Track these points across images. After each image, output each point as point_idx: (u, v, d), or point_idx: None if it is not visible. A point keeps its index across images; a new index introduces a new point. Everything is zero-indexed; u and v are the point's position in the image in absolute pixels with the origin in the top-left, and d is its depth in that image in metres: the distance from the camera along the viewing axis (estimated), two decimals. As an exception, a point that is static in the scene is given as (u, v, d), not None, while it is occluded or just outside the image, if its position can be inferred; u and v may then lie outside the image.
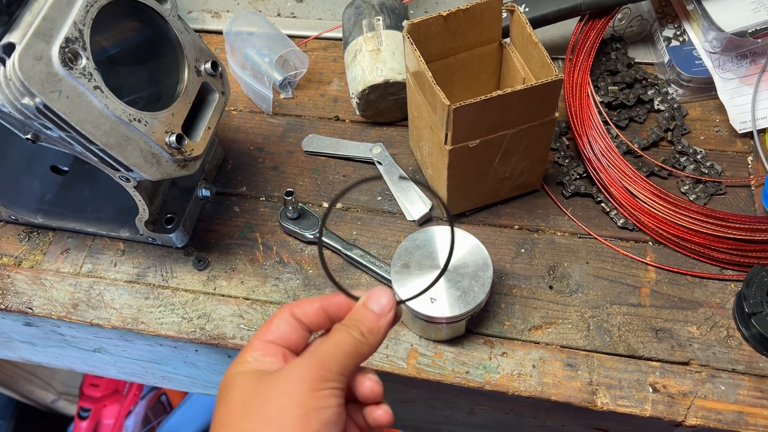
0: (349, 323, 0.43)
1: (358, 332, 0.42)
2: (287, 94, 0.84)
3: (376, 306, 0.43)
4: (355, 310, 0.44)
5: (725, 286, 0.65)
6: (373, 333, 0.43)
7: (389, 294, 0.44)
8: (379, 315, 0.43)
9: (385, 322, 0.43)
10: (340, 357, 0.41)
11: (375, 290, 0.44)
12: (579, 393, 0.61)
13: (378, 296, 0.44)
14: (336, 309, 0.45)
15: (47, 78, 0.50)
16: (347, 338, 0.42)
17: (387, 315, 0.43)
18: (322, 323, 0.45)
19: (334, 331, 0.43)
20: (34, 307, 0.70)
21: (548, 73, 0.60)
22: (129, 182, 0.62)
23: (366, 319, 0.43)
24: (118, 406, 1.55)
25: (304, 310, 0.45)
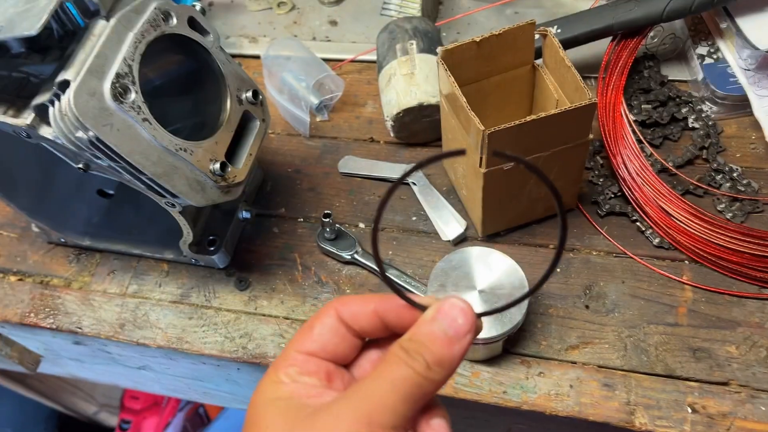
0: (410, 347, 0.32)
1: (423, 364, 0.31)
2: (323, 117, 0.86)
3: (449, 325, 0.32)
4: (419, 328, 0.33)
5: (764, 306, 0.65)
6: (443, 365, 0.32)
7: (466, 309, 0.33)
8: (452, 338, 0.32)
9: (459, 349, 0.32)
10: (395, 403, 0.31)
11: (447, 302, 0.33)
12: (617, 413, 0.61)
13: (451, 312, 0.32)
14: (395, 317, 0.35)
15: (99, 112, 0.52)
16: (406, 374, 0.31)
17: (463, 339, 0.32)
18: (376, 331, 0.35)
19: (391, 361, 0.32)
20: (84, 326, 0.73)
21: (582, 96, 0.60)
22: (174, 207, 0.65)
23: (434, 343, 0.32)
24: (157, 418, 1.59)
25: (353, 311, 0.35)
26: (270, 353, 0.68)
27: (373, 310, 0.35)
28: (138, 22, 0.56)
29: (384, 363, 0.33)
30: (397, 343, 0.33)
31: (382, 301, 0.35)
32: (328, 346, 0.35)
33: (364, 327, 0.35)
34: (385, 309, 0.35)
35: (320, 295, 0.72)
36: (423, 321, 0.33)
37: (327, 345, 0.35)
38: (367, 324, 0.35)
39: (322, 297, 0.71)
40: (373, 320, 0.35)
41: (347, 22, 0.96)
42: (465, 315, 0.33)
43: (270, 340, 0.69)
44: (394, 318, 0.35)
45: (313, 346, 0.35)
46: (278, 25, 0.98)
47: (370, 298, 0.35)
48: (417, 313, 0.34)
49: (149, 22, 0.57)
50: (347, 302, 0.35)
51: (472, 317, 0.33)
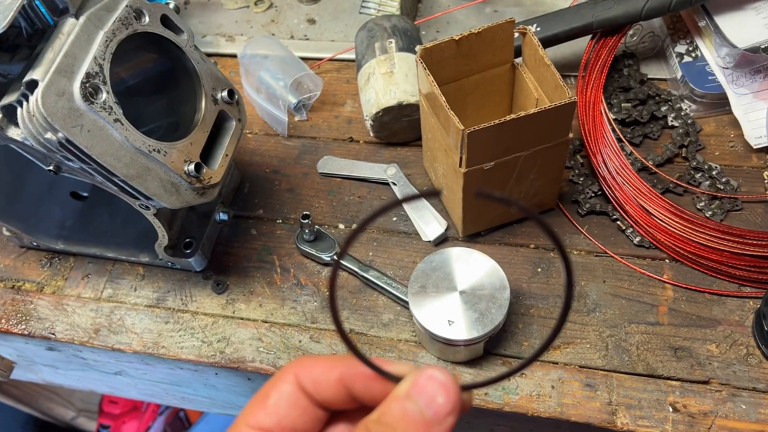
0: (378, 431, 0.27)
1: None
2: (302, 117, 0.85)
3: (426, 405, 0.26)
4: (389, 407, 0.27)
5: (744, 304, 0.65)
6: None
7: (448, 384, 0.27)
8: (429, 422, 0.26)
9: None
10: None
11: (423, 375, 0.27)
12: (599, 413, 0.61)
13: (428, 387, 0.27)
14: (363, 387, 0.29)
15: (69, 113, 0.51)
16: None
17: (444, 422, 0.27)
18: (343, 402, 0.30)
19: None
20: (57, 332, 0.71)
21: (561, 95, 0.60)
22: (149, 210, 0.63)
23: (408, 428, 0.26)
24: (137, 422, 1.56)
25: (315, 380, 0.30)
26: (248, 357, 0.67)
27: (338, 378, 0.29)
28: (109, 21, 0.55)
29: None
30: (362, 423, 0.28)
31: (347, 367, 0.29)
32: (285, 421, 0.29)
33: (328, 398, 0.30)
34: (352, 377, 0.29)
35: (299, 297, 0.71)
36: (395, 397, 0.27)
37: (284, 419, 0.29)
38: (332, 394, 0.30)
39: (301, 299, 0.70)
40: (338, 390, 0.29)
41: (325, 20, 0.95)
42: (446, 391, 0.27)
43: (248, 344, 0.68)
44: (362, 389, 0.29)
45: (267, 421, 0.29)
46: (255, 24, 0.96)
47: (335, 363, 0.30)
48: (389, 385, 0.29)
49: (120, 20, 0.55)
50: (308, 366, 0.30)
51: (455, 394, 0.27)
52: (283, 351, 0.67)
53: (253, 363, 0.67)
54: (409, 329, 0.67)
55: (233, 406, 0.87)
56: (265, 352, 0.67)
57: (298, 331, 0.68)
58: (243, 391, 0.79)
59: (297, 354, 0.67)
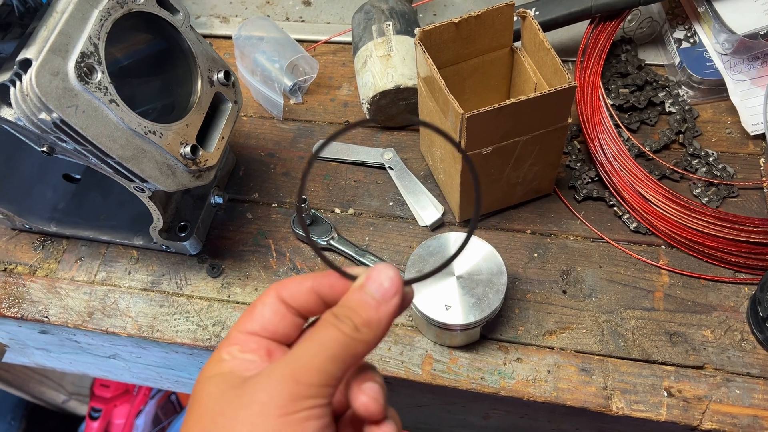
0: (340, 313, 0.34)
1: (351, 326, 0.33)
2: (297, 100, 0.84)
3: (376, 289, 0.34)
4: (349, 296, 0.34)
5: (739, 290, 0.65)
6: (371, 326, 0.33)
7: (393, 273, 0.34)
8: (379, 301, 0.33)
9: (387, 311, 0.34)
10: (322, 363, 0.32)
11: (375, 269, 0.34)
12: (594, 398, 0.61)
13: (378, 276, 0.34)
14: (329, 291, 0.36)
15: (63, 93, 0.50)
16: (334, 335, 0.33)
17: (390, 301, 0.34)
18: (314, 308, 0.36)
19: (320, 325, 0.34)
20: (50, 315, 0.71)
21: (561, 79, 0.60)
22: (144, 192, 0.63)
23: (362, 307, 0.33)
24: (128, 406, 1.56)
25: (292, 291, 0.36)
26: (244, 341, 0.67)
27: (310, 287, 0.36)
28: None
29: (313, 328, 0.34)
30: (328, 311, 0.35)
31: (317, 277, 0.36)
32: (269, 326, 0.36)
33: (303, 304, 0.36)
34: (320, 284, 0.36)
35: (295, 281, 0.70)
36: (352, 289, 0.35)
37: (267, 324, 0.36)
38: (305, 301, 0.36)
39: (297, 284, 0.70)
40: (310, 297, 0.36)
41: (321, 2, 0.94)
42: (391, 279, 0.34)
43: (244, 328, 0.68)
44: (329, 292, 0.36)
45: (253, 326, 0.36)
46: (250, 5, 0.95)
47: (306, 277, 0.36)
48: (349, 284, 0.35)
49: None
50: (286, 283, 0.36)
51: (398, 281, 0.34)
52: (279, 335, 0.67)
53: (249, 347, 0.66)
54: (405, 314, 0.67)
55: (228, 390, 0.87)
56: (260, 336, 0.67)
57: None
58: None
59: (293, 338, 0.66)
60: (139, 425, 1.56)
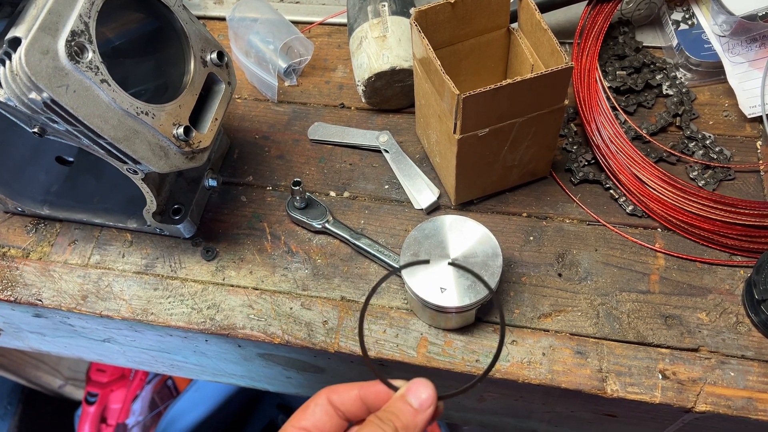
0: (383, 417, 0.40)
1: (392, 428, 0.39)
2: (292, 82, 0.83)
3: (415, 400, 0.41)
4: (391, 403, 0.41)
5: (734, 273, 0.65)
6: (409, 430, 0.40)
7: (430, 388, 0.42)
8: (417, 410, 0.41)
9: (423, 419, 0.41)
10: None
11: (415, 383, 0.42)
12: (589, 380, 0.61)
13: (418, 390, 0.41)
14: (374, 399, 0.43)
15: (54, 72, 0.50)
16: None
17: (426, 411, 0.41)
18: (359, 413, 0.43)
19: (366, 425, 0.40)
20: (44, 299, 0.71)
21: (558, 60, 0.59)
22: (137, 174, 0.62)
23: (402, 413, 0.40)
24: (124, 390, 1.56)
25: (341, 397, 0.43)
26: (239, 324, 0.67)
27: (357, 395, 0.43)
28: (94, -24, 0.53)
29: (361, 428, 0.40)
30: (373, 414, 0.41)
31: (363, 387, 0.43)
32: (318, 423, 0.42)
33: (349, 408, 0.43)
34: (366, 393, 0.43)
35: (290, 265, 0.70)
36: (395, 398, 0.42)
37: (317, 422, 0.42)
38: (352, 406, 0.43)
39: (292, 267, 0.70)
40: (356, 403, 0.43)
41: (316, -17, 0.93)
42: (428, 390, 0.41)
43: (239, 311, 0.67)
44: (374, 400, 0.43)
45: (306, 423, 0.42)
46: (244, -14, 0.94)
47: (354, 385, 0.43)
48: (391, 393, 0.42)
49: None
50: (336, 389, 0.43)
51: (434, 395, 0.42)
52: (274, 318, 0.67)
53: (244, 330, 0.66)
54: (400, 297, 0.67)
55: (223, 374, 0.87)
56: (255, 319, 0.67)
57: (289, 298, 0.68)
58: (233, 359, 0.79)
59: (288, 321, 0.66)
60: (135, 410, 1.56)
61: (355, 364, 0.68)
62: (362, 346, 0.45)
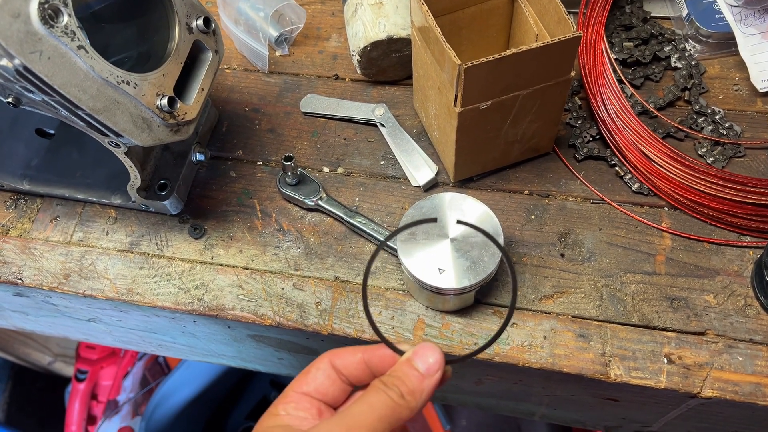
0: (389, 381, 0.39)
1: (398, 393, 0.38)
2: (283, 51, 0.80)
3: (422, 365, 0.40)
4: (397, 367, 0.40)
5: (743, 253, 0.63)
6: (415, 395, 0.39)
7: (437, 352, 0.40)
8: (424, 375, 0.39)
9: (430, 384, 0.39)
10: (372, 422, 0.37)
11: (422, 347, 0.41)
12: (591, 364, 0.59)
13: (425, 354, 0.40)
14: (379, 363, 0.42)
15: (26, 37, 0.46)
16: (384, 400, 0.38)
17: (433, 376, 0.40)
18: (363, 377, 0.42)
19: (371, 390, 0.39)
20: (24, 277, 0.68)
21: (565, 29, 0.56)
22: (119, 148, 0.59)
23: (409, 378, 0.39)
24: (115, 367, 1.54)
25: (344, 361, 0.42)
26: (228, 305, 0.64)
27: (361, 359, 0.42)
28: (68, -67, 0.49)
29: (365, 392, 0.39)
30: (377, 378, 0.40)
31: (368, 350, 0.42)
32: (321, 388, 0.41)
33: (353, 372, 0.42)
34: (370, 356, 0.42)
35: (282, 243, 0.67)
36: (401, 362, 0.40)
37: (320, 387, 0.41)
38: (356, 369, 0.42)
39: (283, 246, 0.67)
40: (360, 366, 0.42)
41: (309, -52, 0.89)
42: (436, 355, 0.40)
43: (228, 292, 0.65)
44: (378, 363, 0.42)
45: (307, 388, 0.41)
46: (234, -49, 0.90)
47: (358, 349, 0.42)
48: (397, 357, 0.41)
49: (81, -66, 0.50)
50: (339, 353, 0.42)
51: (442, 359, 0.40)
52: (265, 299, 0.64)
53: (233, 311, 0.64)
54: (397, 277, 0.64)
55: (213, 354, 0.84)
56: (245, 299, 0.64)
57: (280, 278, 0.65)
58: (223, 339, 0.76)
59: (280, 302, 0.64)
60: (126, 386, 1.54)
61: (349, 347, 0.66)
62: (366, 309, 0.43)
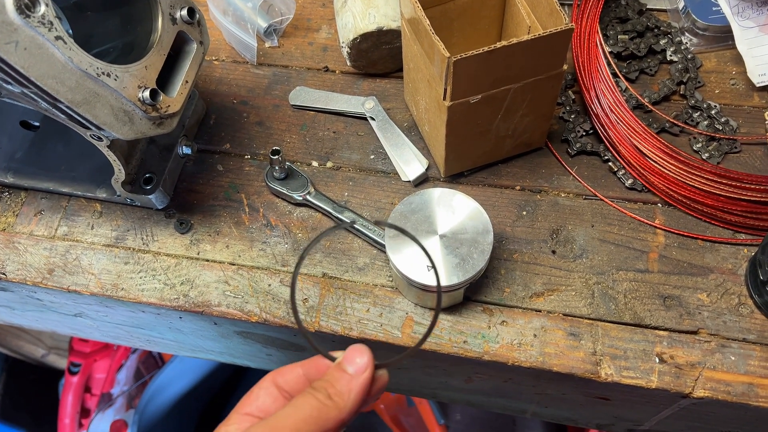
0: (317, 385, 0.40)
1: (325, 395, 0.39)
2: (273, 43, 0.78)
3: (351, 367, 0.40)
4: (328, 372, 0.41)
5: (738, 251, 0.62)
6: (343, 395, 0.39)
7: (366, 354, 0.41)
8: (352, 376, 0.40)
9: (358, 384, 0.40)
10: (296, 422, 0.38)
11: (351, 350, 0.41)
12: (582, 363, 0.58)
13: (353, 356, 0.41)
14: (316, 374, 0.42)
15: (1, 27, 0.45)
16: (309, 401, 0.39)
17: (361, 375, 0.40)
18: (303, 387, 0.43)
19: (299, 395, 0.40)
20: (8, 272, 0.67)
21: (557, 21, 0.55)
22: (102, 141, 0.58)
23: (337, 380, 0.40)
24: (109, 360, 1.54)
25: (286, 378, 0.43)
26: (214, 301, 0.63)
27: (301, 373, 0.43)
28: None
29: (295, 399, 0.40)
30: (311, 386, 0.41)
31: (306, 364, 0.44)
32: (263, 406, 0.42)
33: (294, 387, 0.43)
34: (308, 369, 0.43)
35: (269, 239, 0.66)
36: (332, 367, 0.41)
37: (261, 406, 0.42)
38: (297, 384, 0.43)
39: (271, 241, 0.66)
40: (301, 381, 0.43)
41: (301, -62, 0.87)
42: (364, 356, 0.41)
43: (214, 288, 0.64)
44: (315, 374, 0.43)
45: (250, 408, 0.42)
46: (224, -60, 0.88)
47: (298, 365, 0.44)
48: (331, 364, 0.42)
49: None
50: (281, 372, 0.43)
51: (370, 360, 0.41)
52: (251, 295, 0.63)
53: (219, 307, 0.63)
54: (385, 274, 0.63)
55: (201, 350, 0.84)
56: (232, 296, 0.63)
57: (267, 274, 0.64)
58: (210, 335, 0.75)
59: (266, 299, 0.63)
60: (120, 379, 1.53)
61: (337, 343, 0.65)
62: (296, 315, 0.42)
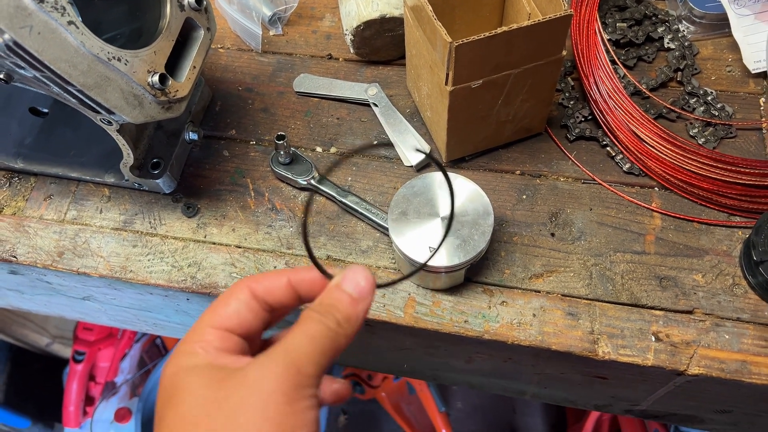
0: (322, 309, 0.36)
1: (334, 321, 0.35)
2: (277, 31, 0.80)
3: (353, 288, 0.37)
4: (327, 293, 0.37)
5: (732, 233, 0.63)
6: (350, 321, 0.36)
7: (368, 274, 0.37)
8: (356, 299, 0.37)
9: (362, 308, 0.37)
10: (317, 355, 0.34)
11: (351, 269, 0.38)
12: (580, 342, 0.59)
13: (354, 277, 0.37)
14: (308, 287, 0.38)
15: (16, 12, 0.46)
16: (323, 330, 0.35)
17: (366, 299, 0.37)
18: (289, 302, 0.38)
19: (306, 321, 0.36)
20: (18, 255, 0.68)
21: (556, 8, 0.56)
22: (111, 125, 0.59)
23: (342, 304, 0.36)
24: (113, 349, 1.55)
25: (267, 286, 0.38)
26: (221, 283, 0.64)
27: (287, 282, 0.38)
28: None
29: (300, 324, 0.36)
30: (308, 308, 0.37)
31: (294, 272, 0.38)
32: (244, 322, 0.37)
33: (278, 298, 0.38)
34: (298, 279, 0.38)
35: (274, 222, 0.67)
36: (330, 287, 0.37)
37: (243, 322, 0.37)
38: (281, 295, 0.38)
39: (276, 225, 0.67)
40: (287, 291, 0.38)
41: (304, -73, 0.88)
42: (367, 278, 0.37)
43: (221, 270, 0.65)
44: (307, 288, 0.38)
45: (229, 323, 0.36)
46: (228, -70, 0.89)
47: (282, 272, 0.38)
48: (326, 281, 0.38)
49: None
50: (259, 278, 0.38)
51: (373, 280, 0.37)
52: (257, 277, 0.64)
53: (226, 288, 0.64)
54: (388, 256, 0.65)
55: (207, 333, 0.85)
56: (238, 277, 0.65)
57: (272, 257, 0.66)
58: (216, 318, 0.76)
59: (271, 280, 0.64)
60: (124, 368, 1.55)
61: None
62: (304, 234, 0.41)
